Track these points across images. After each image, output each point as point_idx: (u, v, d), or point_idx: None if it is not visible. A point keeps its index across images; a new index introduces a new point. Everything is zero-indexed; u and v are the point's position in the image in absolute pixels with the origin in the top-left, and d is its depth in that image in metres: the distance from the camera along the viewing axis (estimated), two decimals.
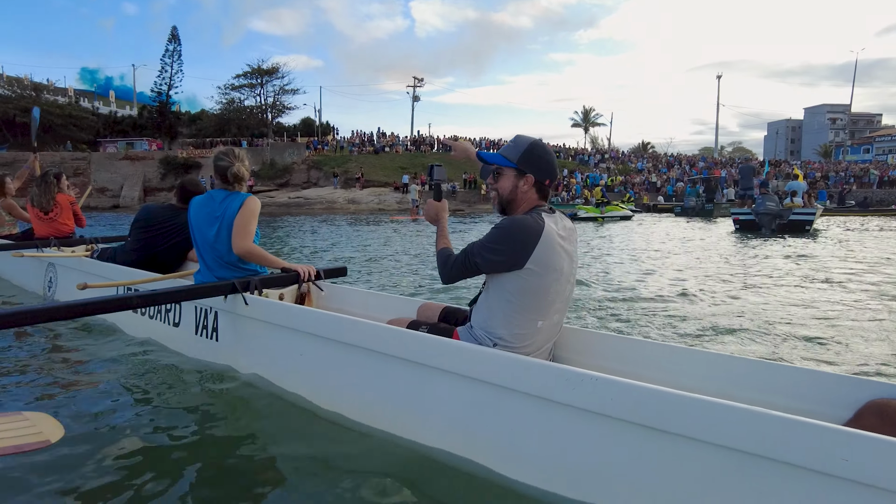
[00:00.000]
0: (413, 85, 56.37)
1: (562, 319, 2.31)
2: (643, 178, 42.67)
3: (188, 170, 40.84)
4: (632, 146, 74.97)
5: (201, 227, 3.29)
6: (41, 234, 6.10)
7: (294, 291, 3.62)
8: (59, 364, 3.55)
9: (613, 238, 15.56)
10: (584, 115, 73.08)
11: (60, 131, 47.92)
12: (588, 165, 48.18)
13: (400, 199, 35.50)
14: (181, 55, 50.69)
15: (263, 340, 3.09)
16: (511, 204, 2.22)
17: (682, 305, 5.75)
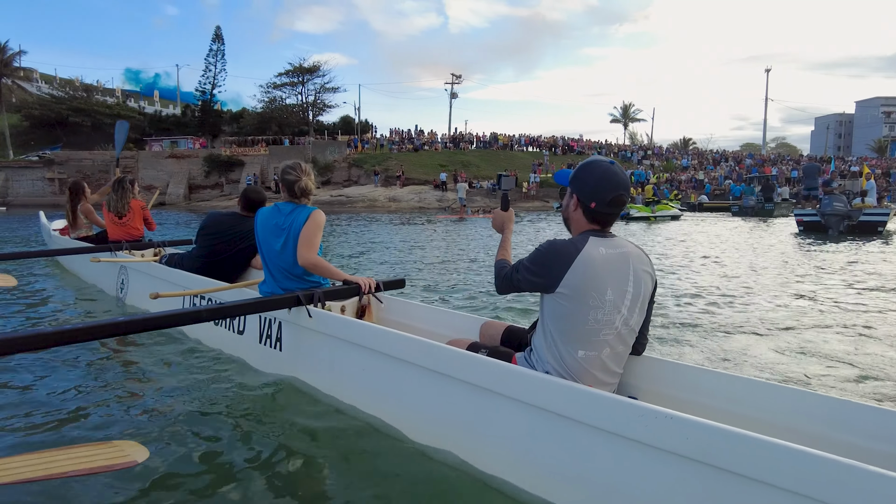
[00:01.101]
0: (451, 82, 56.05)
1: (622, 352, 2.19)
2: (689, 175, 41.50)
3: (231, 167, 41.59)
4: (670, 142, 73.13)
5: (268, 238, 3.37)
6: (114, 237, 6.35)
7: (355, 303, 3.62)
8: (133, 376, 3.66)
9: (672, 239, 14.95)
10: (624, 110, 71.69)
11: (109, 130, 49.10)
12: (631, 162, 47.17)
13: (440, 196, 35.32)
14: (224, 54, 51.60)
15: (326, 353, 3.15)
16: (565, 223, 2.25)
17: (759, 320, 5.37)
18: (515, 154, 45.81)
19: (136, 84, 73.37)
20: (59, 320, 5.25)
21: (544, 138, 49.90)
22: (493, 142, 47.55)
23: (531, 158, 43.89)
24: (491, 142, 47.59)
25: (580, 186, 2.13)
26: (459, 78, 56.51)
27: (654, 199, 27.06)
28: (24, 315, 5.42)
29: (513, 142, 48.09)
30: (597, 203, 2.09)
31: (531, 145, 48.56)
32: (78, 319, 5.30)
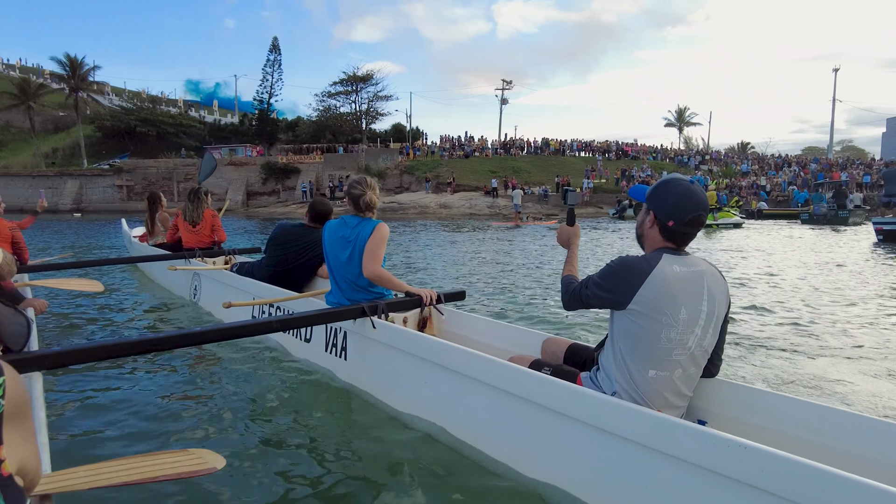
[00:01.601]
0: (501, 88, 55.96)
1: (694, 373, 2.13)
2: (750, 181, 39.95)
3: (287, 175, 42.68)
4: (727, 146, 70.55)
5: (335, 250, 3.47)
6: (188, 244, 6.69)
7: (417, 315, 3.67)
8: (206, 383, 3.81)
9: (736, 249, 14.23)
10: (679, 114, 69.63)
11: (173, 139, 51.48)
12: (688, 167, 45.81)
13: (490, 203, 35.21)
14: (281, 64, 53.16)
15: (389, 364, 3.20)
16: (640, 239, 2.21)
17: (839, 341, 5.05)
18: (567, 159, 45.24)
19: (196, 94, 76.51)
20: (138, 326, 5.51)
21: (597, 143, 49.08)
22: (545, 147, 47.10)
23: (584, 164, 43.24)
24: (542, 147, 47.14)
25: (658, 204, 2.10)
26: (510, 83, 56.43)
27: (716, 205, 26.10)
28: (108, 319, 5.70)
29: (564, 147, 47.49)
30: (675, 222, 2.06)
31: (584, 150, 47.86)
32: (156, 326, 5.56)
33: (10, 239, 5.32)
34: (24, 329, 2.54)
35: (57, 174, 43.68)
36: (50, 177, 43.15)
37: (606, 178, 40.25)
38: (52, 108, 55.17)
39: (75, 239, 16.69)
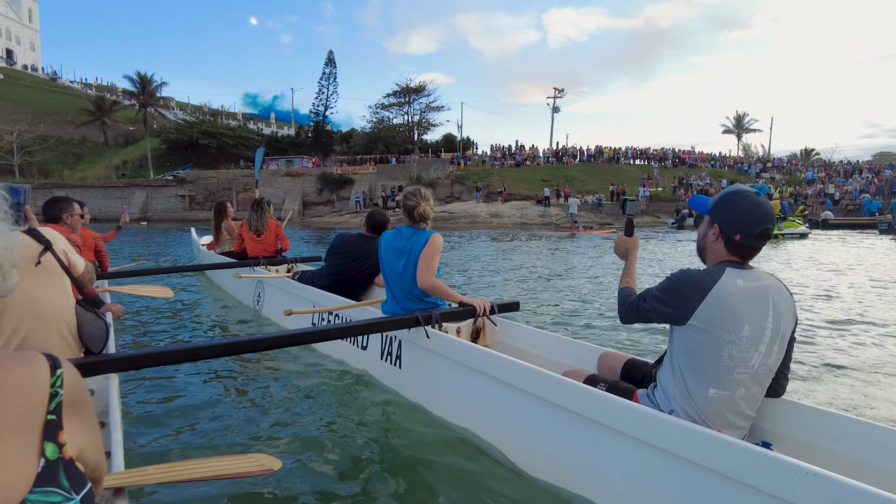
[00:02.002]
0: (553, 96, 55.45)
1: (758, 393, 2.05)
2: (816, 189, 38.08)
3: (342, 185, 43.54)
4: (789, 153, 67.46)
5: (390, 260, 3.55)
6: (253, 253, 6.89)
7: (470, 325, 3.70)
8: (265, 388, 3.94)
9: (804, 261, 13.48)
10: (737, 120, 67.20)
11: (232, 151, 53.44)
12: (748, 175, 44.12)
13: (542, 212, 34.85)
14: (336, 77, 54.44)
15: (443, 374, 3.22)
16: (700, 252, 2.16)
17: None
18: (622, 167, 44.35)
19: (254, 107, 79.43)
20: (205, 331, 5.74)
21: (653, 150, 47.92)
22: (598, 155, 46.31)
23: (639, 172, 42.28)
24: (595, 155, 46.36)
25: (724, 217, 2.03)
26: (562, 92, 55.82)
27: (781, 215, 24.92)
28: (177, 324, 6.00)
29: (619, 155, 46.56)
30: (742, 236, 2.00)
31: (639, 158, 46.79)
32: (222, 332, 5.79)
33: (94, 248, 5.66)
34: (103, 332, 2.65)
35: (126, 185, 46.03)
36: (120, 188, 45.52)
37: (663, 186, 39.20)
38: (124, 123, 58.35)
39: (146, 247, 17.47)
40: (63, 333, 2.45)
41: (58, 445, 0.89)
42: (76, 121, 56.74)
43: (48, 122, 59.70)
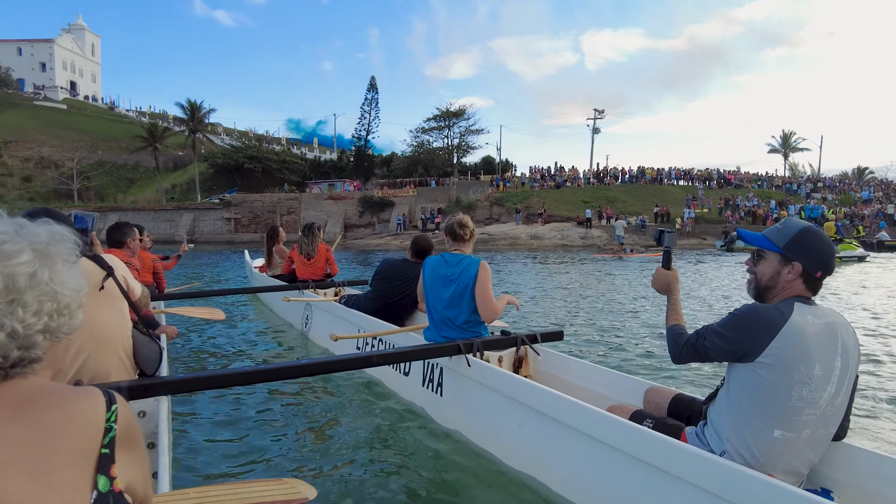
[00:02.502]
0: (593, 117, 55.16)
1: (823, 436, 1.96)
2: (874, 209, 36.52)
3: (383, 208, 44.04)
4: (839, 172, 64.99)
5: (436, 287, 3.56)
6: (302, 276, 7.06)
7: (512, 354, 3.67)
8: (304, 412, 4.02)
9: (865, 287, 12.64)
10: (784, 139, 65.29)
11: (276, 175, 54.83)
12: (798, 196, 42.71)
13: (584, 234, 34.40)
14: (378, 102, 55.54)
15: (484, 404, 3.20)
16: (768, 291, 2.05)
17: None
18: (665, 188, 43.54)
19: (297, 132, 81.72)
20: (254, 353, 5.88)
21: (697, 171, 46.93)
22: (641, 176, 45.59)
23: (683, 192, 41.42)
24: (638, 176, 45.65)
25: (807, 254, 1.98)
26: (602, 113, 55.48)
27: (837, 237, 23.84)
28: (228, 346, 6.16)
29: (662, 175, 45.75)
30: (823, 272, 1.99)
31: (682, 178, 45.86)
32: (270, 355, 5.90)
33: (152, 269, 5.87)
34: (156, 355, 2.72)
35: (174, 208, 47.63)
36: (169, 210, 47.12)
37: (709, 207, 38.23)
38: (174, 149, 60.69)
39: (196, 269, 17.91)
40: (120, 355, 2.51)
41: (109, 479, 0.93)
42: (130, 147, 59.30)
43: (105, 149, 62.60)
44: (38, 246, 0.97)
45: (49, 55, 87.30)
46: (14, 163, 56.10)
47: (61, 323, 0.99)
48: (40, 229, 1.00)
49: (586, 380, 3.38)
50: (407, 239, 37.44)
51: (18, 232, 0.96)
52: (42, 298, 0.95)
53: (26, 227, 0.98)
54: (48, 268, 0.97)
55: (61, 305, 0.98)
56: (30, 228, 0.99)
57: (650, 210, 36.95)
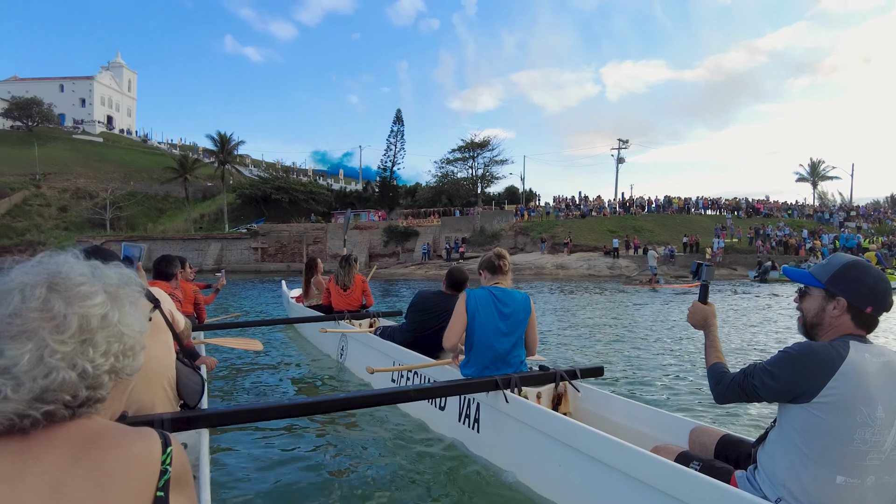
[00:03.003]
0: (618, 147, 55.11)
1: (890, 483, 1.81)
2: None
3: (407, 237, 44.25)
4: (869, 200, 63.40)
5: (484, 321, 3.47)
6: (338, 307, 7.03)
7: (551, 390, 3.60)
8: (340, 444, 4.02)
9: None
10: (812, 167, 64.23)
11: (303, 205, 55.61)
12: (830, 225, 41.72)
13: (611, 263, 33.95)
14: (403, 134, 56.38)
15: (522, 441, 3.14)
16: (816, 328, 1.98)
17: None
18: (692, 217, 42.97)
19: (323, 164, 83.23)
20: (291, 385, 5.91)
21: (725, 200, 46.27)
22: (667, 205, 45.10)
23: (711, 222, 40.83)
24: (664, 205, 45.17)
25: (853, 289, 1.91)
26: (626, 143, 55.43)
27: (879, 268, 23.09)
28: (265, 377, 6.21)
29: (689, 204, 45.21)
30: (874, 308, 1.90)
31: (710, 208, 45.26)
32: (307, 387, 5.92)
33: (193, 300, 5.95)
34: (199, 387, 2.75)
35: (202, 237, 48.42)
36: (197, 240, 47.92)
37: (738, 237, 37.51)
38: (203, 180, 62.05)
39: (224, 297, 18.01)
40: (164, 387, 2.52)
41: None
42: (161, 178, 60.81)
43: (137, 180, 64.40)
44: (111, 288, 1.01)
45: (89, 91, 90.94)
46: (52, 194, 57.95)
47: (126, 364, 1.01)
48: (112, 272, 1.04)
49: (628, 418, 3.27)
50: (432, 269, 37.51)
51: (94, 274, 1.00)
52: (111, 339, 0.98)
53: (100, 269, 1.02)
54: (118, 310, 1.00)
55: (127, 347, 1.01)
56: (103, 271, 1.03)
57: (678, 240, 36.42)
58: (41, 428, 0.91)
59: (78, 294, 0.95)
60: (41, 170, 60.96)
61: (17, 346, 0.89)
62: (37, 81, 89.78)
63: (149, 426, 1.02)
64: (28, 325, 0.91)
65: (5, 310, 0.92)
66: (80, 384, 0.93)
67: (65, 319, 0.93)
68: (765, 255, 33.13)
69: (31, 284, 0.94)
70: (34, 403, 0.89)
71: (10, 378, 0.88)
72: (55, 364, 0.91)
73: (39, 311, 0.92)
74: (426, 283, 27.11)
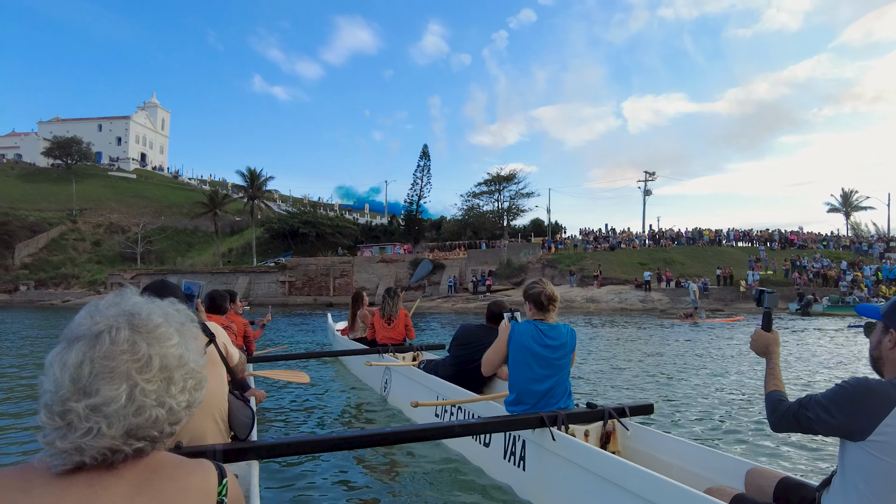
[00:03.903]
0: (644, 179, 54.64)
1: None
2: None
3: (434, 270, 44.07)
4: None
5: (527, 356, 3.40)
6: (382, 340, 7.12)
7: (599, 428, 3.49)
8: (386, 480, 4.00)
9: None
10: (844, 197, 62.80)
11: (330, 239, 56.05)
12: (870, 256, 40.44)
13: (643, 297, 33.22)
14: (430, 169, 56.91)
15: (570, 482, 3.04)
16: (877, 362, 1.94)
17: None
18: (725, 250, 42.09)
19: (348, 199, 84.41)
20: (336, 418, 5.98)
21: (758, 232, 45.28)
22: (698, 237, 44.28)
23: (743, 254, 39.91)
24: (695, 237, 44.36)
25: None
26: (653, 175, 54.94)
27: None
28: (311, 410, 6.27)
29: (720, 236, 44.33)
30: None
31: (741, 240, 44.30)
32: (352, 420, 5.99)
33: (243, 333, 6.00)
34: (249, 420, 2.79)
35: (231, 271, 48.92)
36: (225, 273, 48.43)
37: (773, 269, 36.50)
38: (232, 214, 63.16)
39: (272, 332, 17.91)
40: (216, 419, 2.56)
41: None
42: (191, 212, 62.15)
43: (168, 215, 65.92)
44: (181, 328, 1.08)
45: (125, 130, 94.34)
46: (87, 228, 59.63)
47: (196, 397, 1.07)
48: (173, 309, 1.10)
49: (680, 458, 3.16)
50: (458, 302, 37.17)
51: (167, 315, 1.07)
52: (186, 376, 1.04)
53: (169, 310, 1.08)
54: (187, 347, 1.06)
55: (196, 381, 1.07)
56: (171, 311, 1.09)
57: (710, 272, 35.60)
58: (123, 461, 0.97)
59: (159, 336, 1.02)
60: (77, 206, 62.89)
61: (112, 386, 0.95)
62: (77, 122, 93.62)
63: (202, 457, 1.08)
64: (120, 367, 0.96)
65: (98, 352, 0.96)
66: (166, 420, 0.99)
67: (150, 360, 0.99)
68: (802, 287, 32.12)
69: (115, 327, 0.99)
70: (127, 440, 0.95)
71: (103, 417, 0.93)
72: (145, 402, 0.96)
73: (128, 353, 0.98)
74: (453, 317, 26.78)
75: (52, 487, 0.93)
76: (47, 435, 0.94)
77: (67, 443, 0.93)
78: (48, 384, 0.96)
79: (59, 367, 0.96)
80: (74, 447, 0.92)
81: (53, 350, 0.99)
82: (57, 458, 0.94)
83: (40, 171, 77.86)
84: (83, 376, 0.94)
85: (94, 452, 0.93)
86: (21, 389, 7.62)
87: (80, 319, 1.02)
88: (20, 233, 55.43)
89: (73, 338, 0.99)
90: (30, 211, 59.73)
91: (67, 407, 0.93)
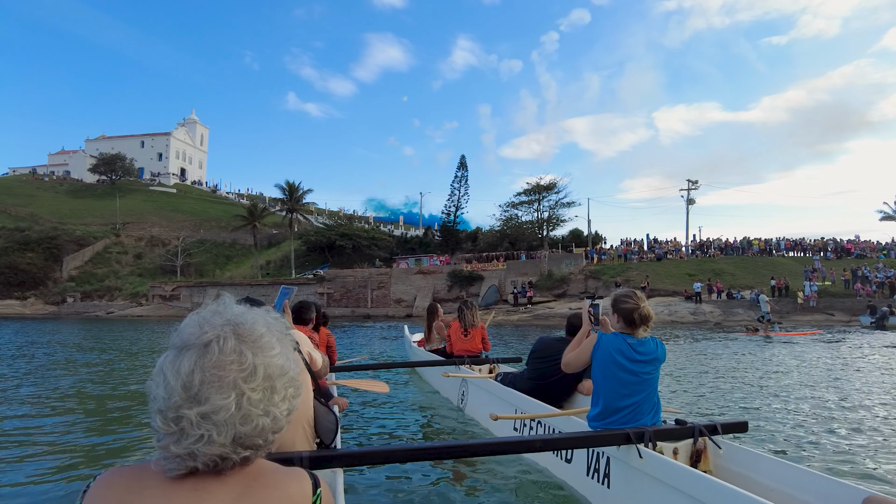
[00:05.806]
0: (687, 188, 53.05)
1: None
2: None
3: (472, 281, 43.40)
4: None
5: (615, 370, 3.24)
6: (458, 351, 7.07)
7: (689, 446, 3.31)
8: (467, 491, 3.87)
9: None
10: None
11: (366, 251, 55.93)
12: None
13: (693, 309, 31.86)
14: (467, 180, 56.48)
15: (658, 500, 2.90)
16: None
17: None
18: (776, 260, 40.29)
19: (383, 211, 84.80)
20: (414, 428, 5.97)
21: (810, 241, 43.27)
22: (747, 247, 42.54)
23: (796, 264, 38.10)
24: (744, 247, 42.62)
25: None
26: (696, 183, 53.30)
27: None
28: (390, 419, 6.33)
29: (770, 246, 42.50)
30: None
31: (793, 249, 42.36)
32: (430, 430, 5.95)
33: (326, 343, 6.01)
34: (333, 426, 2.78)
35: (269, 283, 49.04)
36: (264, 285, 48.58)
37: (831, 279, 34.63)
38: (270, 227, 63.74)
39: None
40: (304, 426, 2.54)
41: None
42: (230, 226, 62.92)
43: (207, 228, 66.98)
44: (281, 337, 1.08)
45: (165, 146, 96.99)
46: (129, 242, 61.04)
47: (295, 405, 1.08)
48: (275, 320, 1.10)
49: (781, 481, 2.91)
50: (499, 314, 36.26)
51: (269, 325, 1.07)
52: (286, 385, 1.05)
53: (269, 319, 1.09)
54: (287, 357, 1.07)
55: (295, 388, 1.08)
56: (271, 320, 1.09)
57: (762, 283, 33.93)
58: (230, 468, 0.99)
59: (263, 345, 1.03)
60: (121, 220, 64.38)
61: (221, 395, 0.96)
62: (121, 139, 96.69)
63: (289, 463, 1.11)
64: (228, 376, 0.97)
65: (209, 361, 0.98)
66: (270, 429, 1.01)
67: (255, 370, 0.99)
68: (866, 298, 30.31)
69: (223, 336, 1.00)
70: (236, 448, 0.97)
71: (213, 424, 0.95)
72: (252, 411, 0.98)
73: (235, 362, 0.99)
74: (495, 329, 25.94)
75: (163, 489, 0.96)
76: (161, 439, 0.97)
77: (181, 448, 0.95)
78: (160, 390, 0.97)
79: (172, 374, 0.97)
80: (188, 453, 0.95)
81: (163, 357, 1.00)
82: (172, 461, 0.96)
83: (87, 186, 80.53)
84: (194, 384, 0.96)
85: (206, 459, 0.96)
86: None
87: (187, 328, 1.02)
88: (68, 246, 57.03)
89: (183, 346, 1.00)
90: (77, 225, 61.54)
91: (180, 413, 0.95)
